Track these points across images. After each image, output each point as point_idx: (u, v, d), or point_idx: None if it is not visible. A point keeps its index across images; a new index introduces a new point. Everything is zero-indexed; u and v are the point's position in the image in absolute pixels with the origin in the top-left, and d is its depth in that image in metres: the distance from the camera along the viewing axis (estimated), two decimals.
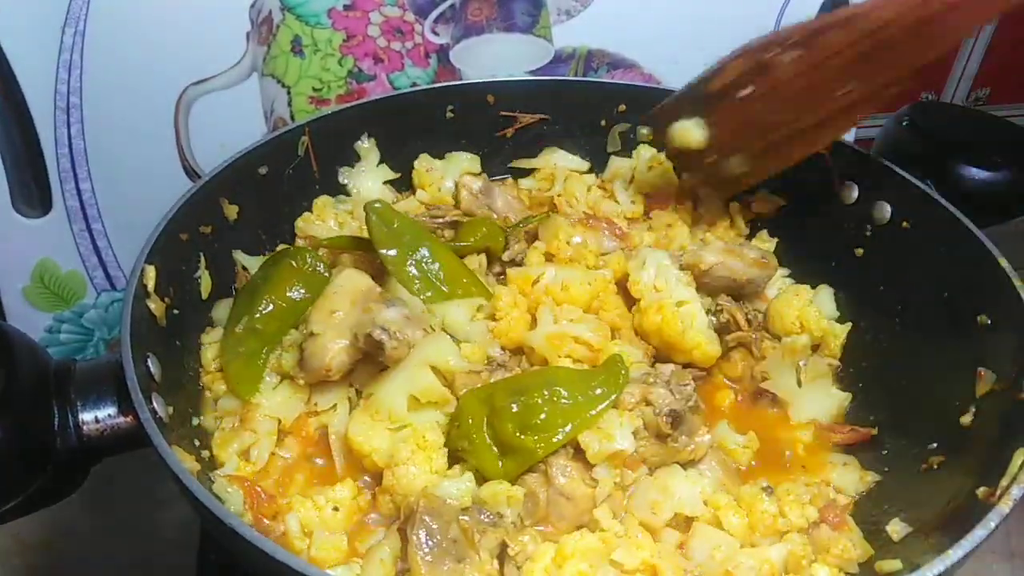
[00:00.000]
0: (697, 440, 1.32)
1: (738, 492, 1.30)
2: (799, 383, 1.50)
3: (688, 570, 1.18)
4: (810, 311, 1.59)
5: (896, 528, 1.26)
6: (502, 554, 1.18)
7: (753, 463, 1.41)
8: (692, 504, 1.25)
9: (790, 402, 1.50)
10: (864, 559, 1.24)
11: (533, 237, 1.71)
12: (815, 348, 1.60)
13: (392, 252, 1.48)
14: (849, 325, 1.60)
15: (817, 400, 1.50)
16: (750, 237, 1.82)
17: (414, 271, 1.49)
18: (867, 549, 1.25)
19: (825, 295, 1.66)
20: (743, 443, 1.40)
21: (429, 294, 1.47)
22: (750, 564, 1.17)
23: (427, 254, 1.51)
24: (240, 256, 1.62)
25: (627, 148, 1.96)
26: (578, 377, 1.32)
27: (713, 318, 1.52)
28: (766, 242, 1.80)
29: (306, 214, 1.72)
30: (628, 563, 1.14)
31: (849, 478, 1.39)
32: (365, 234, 1.54)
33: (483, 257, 1.66)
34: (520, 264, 1.64)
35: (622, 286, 1.57)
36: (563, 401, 1.26)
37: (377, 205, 1.50)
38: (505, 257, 1.68)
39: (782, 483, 1.33)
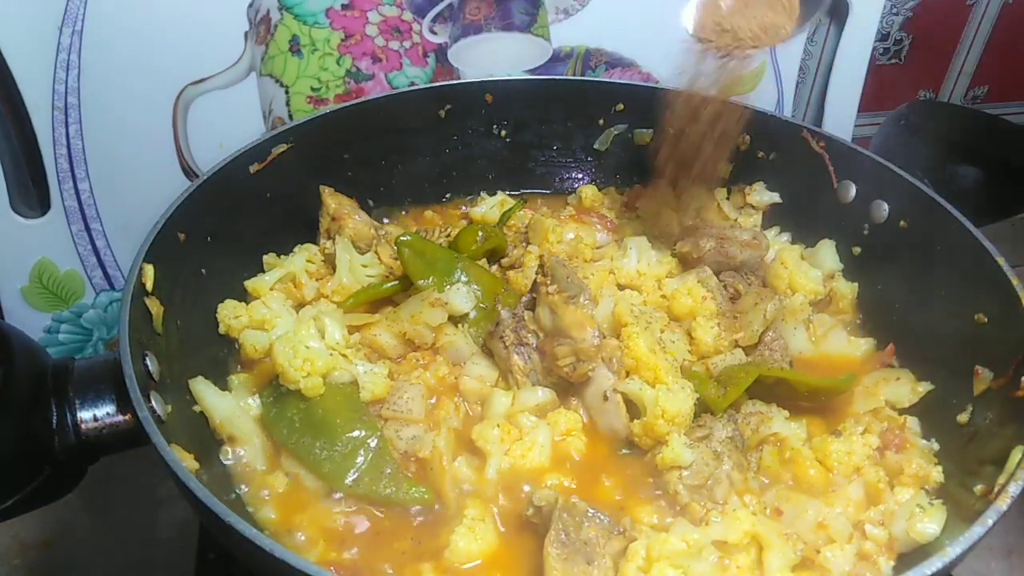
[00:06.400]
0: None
1: (811, 443, 1.35)
2: (812, 339, 1.56)
3: (787, 534, 1.20)
4: (799, 273, 1.63)
5: None
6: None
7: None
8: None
9: (813, 359, 1.55)
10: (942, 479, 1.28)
11: (528, 240, 1.73)
12: (827, 304, 1.64)
13: (429, 281, 1.52)
14: (856, 284, 1.66)
15: (840, 351, 1.57)
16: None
17: None
18: (931, 460, 1.31)
19: (826, 249, 1.70)
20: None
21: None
22: (838, 511, 1.23)
23: (462, 276, 1.55)
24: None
25: (618, 150, 1.97)
26: None
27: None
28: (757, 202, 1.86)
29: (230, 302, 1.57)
30: (731, 537, 1.16)
31: (902, 391, 1.45)
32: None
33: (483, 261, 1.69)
34: (519, 267, 1.66)
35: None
36: None
37: (407, 238, 1.53)
38: (504, 263, 1.70)
39: (845, 420, 1.40)
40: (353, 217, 1.70)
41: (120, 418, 1.22)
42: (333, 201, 1.71)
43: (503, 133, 1.97)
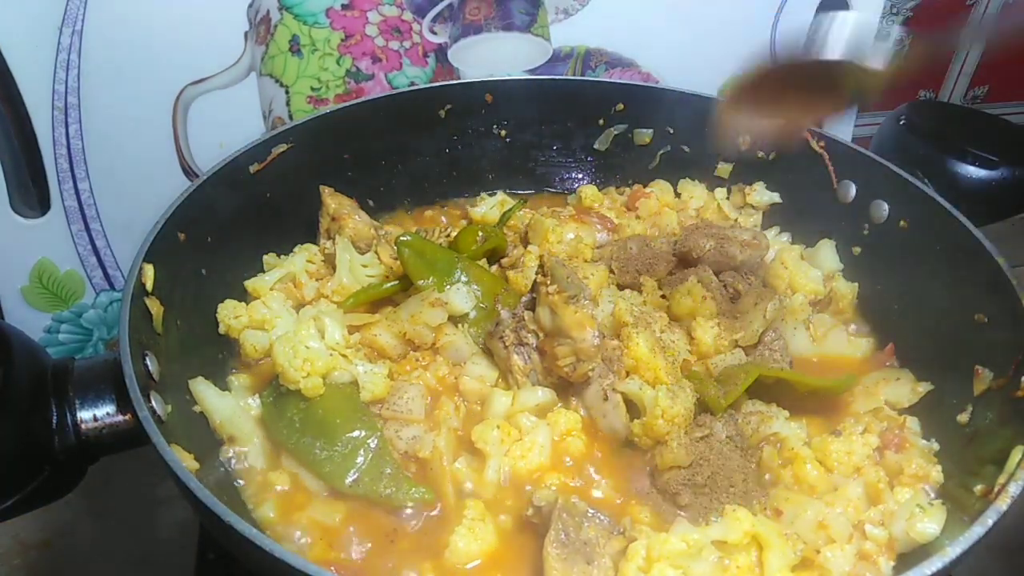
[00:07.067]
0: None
1: (811, 443, 1.34)
2: (812, 339, 1.56)
3: (787, 534, 1.20)
4: (799, 273, 1.63)
5: None
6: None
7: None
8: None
9: (813, 359, 1.55)
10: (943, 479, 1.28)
11: (528, 240, 1.73)
12: (827, 305, 1.64)
13: (429, 281, 1.51)
14: (856, 284, 1.65)
15: (840, 351, 1.57)
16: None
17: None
18: (931, 460, 1.30)
19: (826, 249, 1.70)
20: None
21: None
22: (838, 511, 1.23)
23: (462, 276, 1.55)
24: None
25: (618, 150, 1.97)
26: None
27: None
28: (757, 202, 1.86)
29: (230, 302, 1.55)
30: (731, 537, 1.15)
31: (902, 391, 1.45)
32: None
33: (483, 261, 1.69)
34: (519, 267, 1.66)
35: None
36: None
37: (407, 238, 1.53)
38: (504, 263, 1.70)
39: (845, 420, 1.39)
40: (353, 217, 1.70)
41: (120, 418, 1.22)
42: (333, 201, 1.71)
43: (503, 133, 1.97)
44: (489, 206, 1.88)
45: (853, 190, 1.69)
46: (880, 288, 1.64)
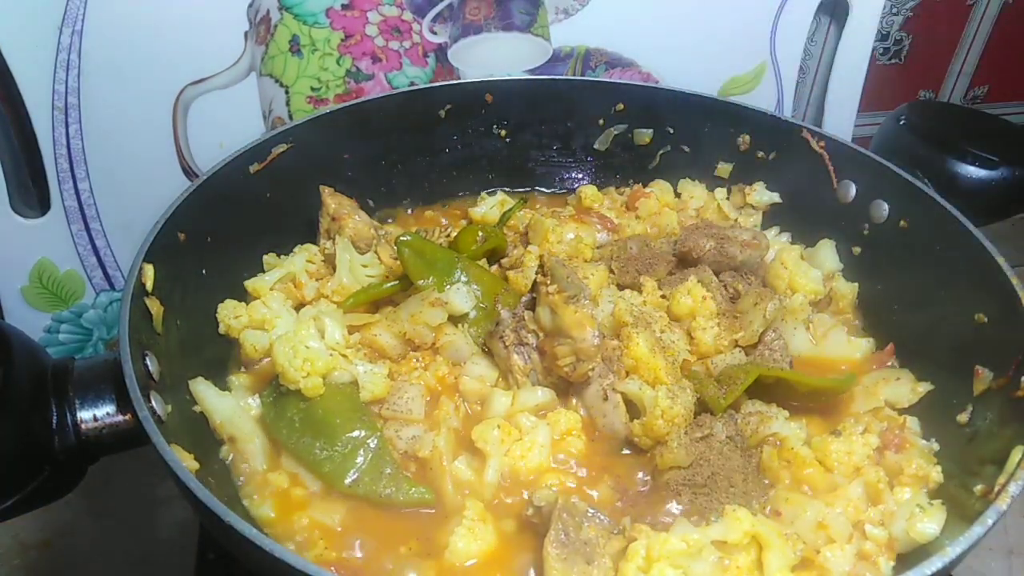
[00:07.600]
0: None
1: (811, 443, 1.34)
2: (812, 339, 1.56)
3: (787, 534, 1.19)
4: (799, 273, 1.63)
5: None
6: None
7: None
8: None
9: (813, 359, 1.55)
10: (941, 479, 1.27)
11: (528, 240, 1.73)
12: (827, 305, 1.64)
13: (429, 281, 1.51)
14: (856, 284, 1.66)
15: (840, 351, 1.57)
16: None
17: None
18: (931, 460, 1.30)
19: (826, 249, 1.71)
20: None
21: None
22: (838, 512, 1.23)
23: (462, 276, 1.55)
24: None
25: (618, 150, 1.97)
26: None
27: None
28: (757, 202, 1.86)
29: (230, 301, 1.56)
30: (731, 537, 1.15)
31: (902, 391, 1.45)
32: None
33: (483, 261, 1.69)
34: (519, 267, 1.66)
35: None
36: None
37: (407, 238, 1.53)
38: (504, 264, 1.70)
39: (843, 421, 1.39)
40: (353, 217, 1.70)
41: (120, 418, 1.22)
42: (333, 201, 1.71)
43: (503, 133, 1.97)
44: (489, 206, 1.88)
45: (853, 190, 1.69)
46: (880, 288, 1.64)
